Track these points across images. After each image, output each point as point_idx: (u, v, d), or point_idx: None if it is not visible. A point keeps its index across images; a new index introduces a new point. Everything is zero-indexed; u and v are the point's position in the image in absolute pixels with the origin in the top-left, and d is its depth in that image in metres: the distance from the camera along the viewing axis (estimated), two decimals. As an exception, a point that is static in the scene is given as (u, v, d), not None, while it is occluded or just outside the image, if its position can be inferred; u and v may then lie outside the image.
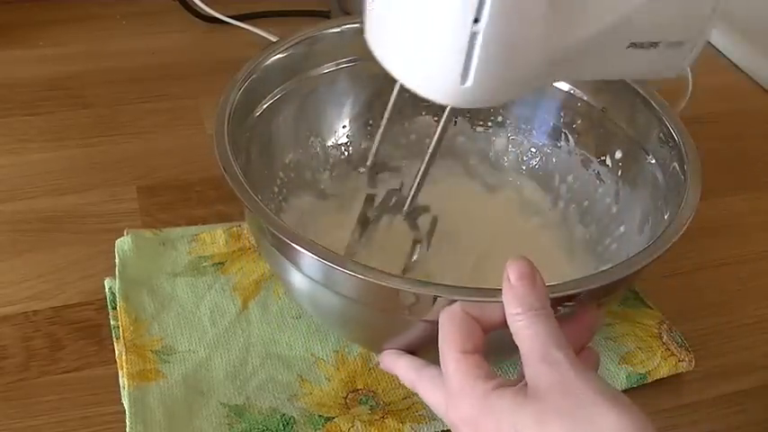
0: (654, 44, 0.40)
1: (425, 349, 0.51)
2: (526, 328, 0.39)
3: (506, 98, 0.44)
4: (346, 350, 0.54)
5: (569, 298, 0.43)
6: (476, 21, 0.35)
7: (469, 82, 0.37)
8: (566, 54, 0.38)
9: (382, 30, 0.40)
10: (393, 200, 0.48)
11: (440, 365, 0.42)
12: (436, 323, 0.42)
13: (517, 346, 0.39)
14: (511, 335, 0.40)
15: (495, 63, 0.37)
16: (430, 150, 0.45)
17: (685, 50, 0.41)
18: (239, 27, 0.85)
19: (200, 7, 0.86)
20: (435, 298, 0.42)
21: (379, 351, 0.53)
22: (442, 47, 0.37)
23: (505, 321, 0.40)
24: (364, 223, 0.51)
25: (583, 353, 0.43)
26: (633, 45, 0.39)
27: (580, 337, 0.43)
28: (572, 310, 0.44)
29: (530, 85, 0.41)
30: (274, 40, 0.58)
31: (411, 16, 0.37)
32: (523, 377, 0.39)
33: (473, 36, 0.35)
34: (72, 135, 0.71)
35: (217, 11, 0.86)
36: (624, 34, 0.39)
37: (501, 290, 0.40)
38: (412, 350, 0.48)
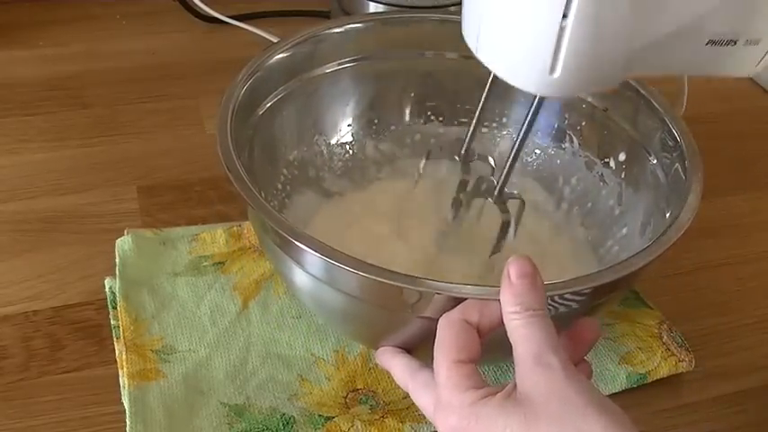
0: (732, 41, 0.41)
1: (426, 346, 0.51)
2: (522, 328, 0.39)
3: (591, 89, 0.47)
4: (346, 350, 0.54)
5: (569, 296, 0.43)
6: (564, 16, 0.38)
7: (557, 73, 0.40)
8: (646, 49, 0.40)
9: (476, 23, 0.43)
10: (483, 185, 0.51)
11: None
12: (437, 321, 0.42)
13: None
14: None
15: (582, 55, 0.39)
16: (519, 137, 0.46)
17: (759, 50, 0.42)
18: (239, 27, 0.85)
19: (200, 7, 0.86)
20: (436, 295, 0.42)
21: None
22: (532, 39, 0.39)
23: (503, 321, 0.40)
24: (457, 206, 0.53)
25: (578, 365, 0.43)
26: (712, 42, 0.41)
27: (576, 350, 0.43)
28: (571, 309, 0.45)
29: (613, 77, 0.43)
30: (274, 41, 0.58)
31: (504, 10, 0.40)
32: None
33: (561, 30, 0.38)
34: (72, 135, 0.71)
35: (217, 11, 0.86)
36: (704, 31, 0.40)
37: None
38: (412, 347, 0.48)
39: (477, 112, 0.53)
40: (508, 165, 0.48)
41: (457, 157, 0.55)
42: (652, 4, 0.39)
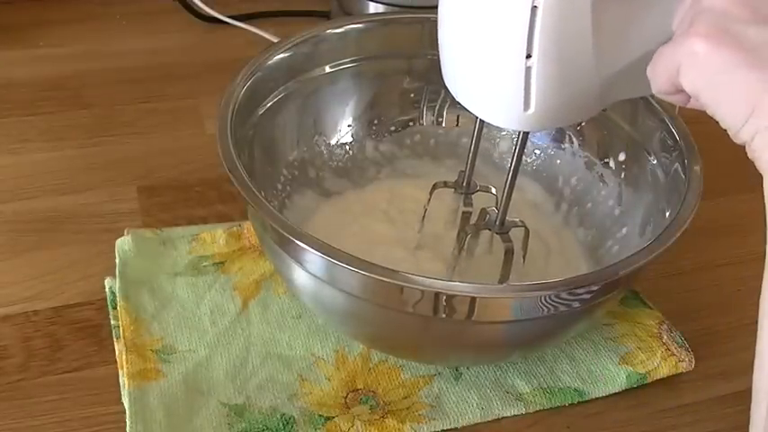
0: None
1: (428, 346, 0.51)
2: None
3: (570, 121, 0.48)
4: (346, 350, 0.54)
5: (569, 295, 0.43)
6: (528, 56, 0.39)
7: (532, 109, 0.41)
8: (617, 78, 0.41)
9: (453, 69, 0.44)
10: (486, 217, 0.51)
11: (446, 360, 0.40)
12: (439, 320, 0.42)
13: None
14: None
15: (553, 91, 0.40)
16: (511, 169, 0.47)
17: None
18: (239, 27, 0.85)
19: (200, 7, 0.86)
20: (438, 295, 0.42)
21: (380, 348, 0.54)
22: (502, 79, 0.41)
23: None
24: (461, 239, 0.53)
25: None
26: None
27: None
28: (571, 308, 0.45)
29: (590, 108, 0.44)
30: (274, 41, 0.58)
31: (472, 53, 0.42)
32: None
33: (528, 69, 0.39)
34: (72, 135, 0.71)
35: (217, 11, 0.86)
36: None
37: (506, 287, 0.40)
38: (414, 347, 0.48)
39: (472, 149, 0.53)
40: (504, 197, 0.48)
41: (459, 191, 0.56)
42: (613, 36, 0.40)
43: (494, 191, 0.55)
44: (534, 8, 0.38)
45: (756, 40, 0.32)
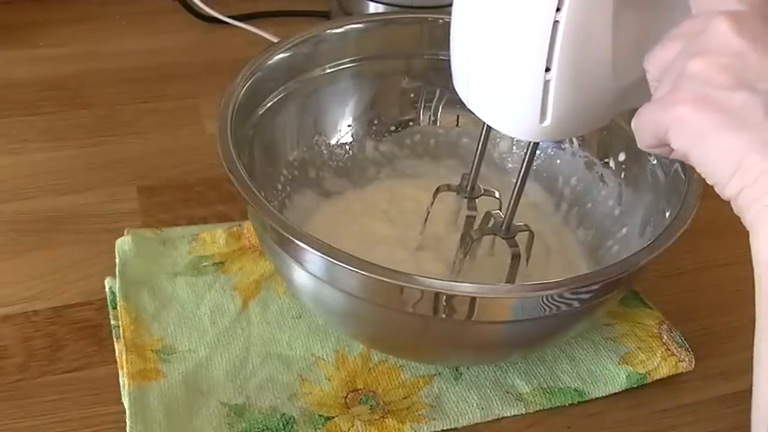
0: None
1: (428, 346, 0.51)
2: None
3: (582, 131, 0.49)
4: (346, 350, 0.54)
5: (570, 294, 0.43)
6: (547, 70, 0.39)
7: (547, 121, 0.41)
8: (629, 88, 0.41)
9: (466, 77, 0.44)
10: (491, 221, 0.52)
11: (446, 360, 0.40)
12: (439, 320, 0.42)
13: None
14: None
15: (569, 104, 0.41)
16: (520, 176, 0.47)
17: None
18: (239, 27, 0.85)
19: (200, 7, 0.86)
20: (438, 295, 0.42)
21: (380, 348, 0.54)
22: (519, 92, 0.41)
23: None
24: (467, 243, 0.53)
25: None
26: None
27: None
28: (572, 308, 0.45)
29: (603, 118, 0.44)
30: (274, 41, 0.58)
31: (488, 65, 0.42)
32: None
33: (546, 83, 0.40)
34: (72, 135, 0.71)
35: (217, 11, 0.86)
36: None
37: (506, 287, 0.40)
38: (414, 347, 0.47)
39: (477, 154, 0.53)
40: (512, 204, 0.48)
41: (463, 195, 0.55)
42: (629, 49, 0.40)
43: (497, 195, 0.55)
44: (556, 23, 0.38)
45: (738, 104, 0.34)
